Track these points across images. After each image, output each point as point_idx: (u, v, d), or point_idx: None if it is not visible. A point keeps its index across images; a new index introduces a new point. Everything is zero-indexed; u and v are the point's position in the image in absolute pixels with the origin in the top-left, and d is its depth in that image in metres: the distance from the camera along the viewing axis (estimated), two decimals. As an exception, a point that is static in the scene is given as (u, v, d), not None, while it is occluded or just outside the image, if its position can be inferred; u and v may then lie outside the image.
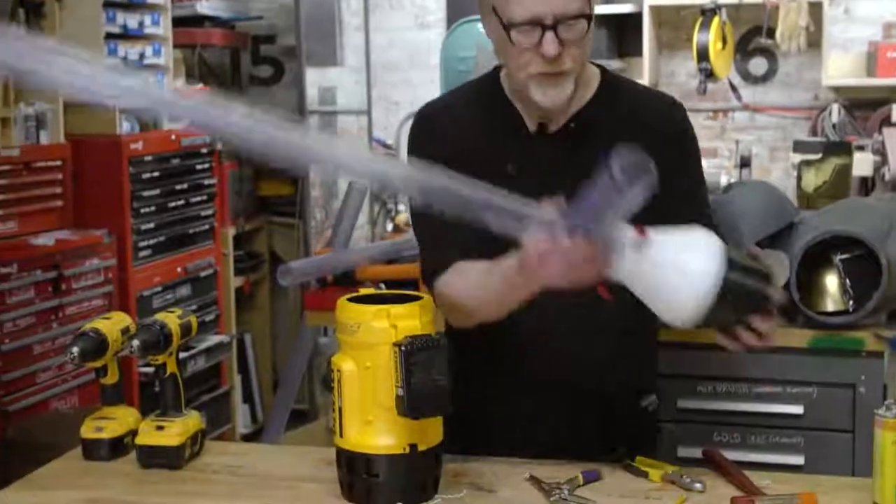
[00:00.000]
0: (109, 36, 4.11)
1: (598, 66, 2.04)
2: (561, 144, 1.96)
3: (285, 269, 2.71)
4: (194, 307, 4.41)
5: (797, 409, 2.78)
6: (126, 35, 4.21)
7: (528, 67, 1.85)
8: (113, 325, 2.01)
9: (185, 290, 4.44)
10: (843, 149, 3.51)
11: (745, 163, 4.38)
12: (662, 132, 1.94)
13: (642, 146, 1.58)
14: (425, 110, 2.07)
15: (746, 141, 4.90)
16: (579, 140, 1.95)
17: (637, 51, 4.88)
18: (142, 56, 4.28)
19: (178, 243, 4.41)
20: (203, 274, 4.58)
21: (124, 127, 4.16)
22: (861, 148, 4.12)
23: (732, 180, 4.14)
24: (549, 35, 1.80)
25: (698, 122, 5.06)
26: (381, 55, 5.39)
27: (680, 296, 1.63)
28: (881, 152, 4.34)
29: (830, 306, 2.81)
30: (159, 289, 4.28)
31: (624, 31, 4.96)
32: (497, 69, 2.03)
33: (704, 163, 4.61)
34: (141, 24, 4.28)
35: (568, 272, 1.61)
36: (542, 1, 1.79)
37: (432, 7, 5.31)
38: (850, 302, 2.74)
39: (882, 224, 2.77)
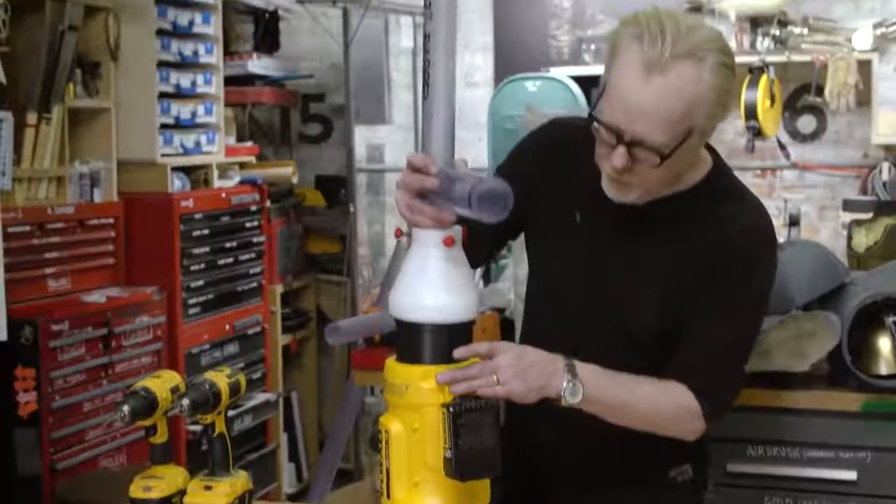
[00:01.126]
0: (163, 95, 4.19)
1: (714, 153, 1.99)
2: (630, 218, 1.92)
3: (333, 327, 2.72)
4: (241, 365, 4.43)
5: (851, 475, 2.73)
6: (179, 94, 4.28)
7: (599, 159, 1.86)
8: (163, 383, 2.02)
9: (232, 348, 4.46)
10: (894, 208, 3.48)
11: (794, 221, 4.35)
12: (724, 246, 1.88)
13: (701, 254, 1.74)
14: (556, 126, 2.12)
15: (795, 200, 4.87)
16: (647, 225, 1.92)
17: (684, 109, 4.87)
18: (193, 115, 4.34)
19: (226, 300, 4.44)
20: (251, 331, 4.60)
21: (175, 185, 4.21)
22: (912, 207, 4.09)
23: (781, 240, 4.12)
24: (621, 149, 1.78)
25: (746, 181, 4.97)
26: (428, 114, 5.41)
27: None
28: (934, 211, 4.30)
29: (884, 369, 2.77)
30: (207, 346, 4.31)
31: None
32: None
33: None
34: (193, 84, 4.35)
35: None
36: (627, 119, 1.76)
37: (480, 65, 5.35)
38: (904, 364, 2.70)
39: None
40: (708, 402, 1.88)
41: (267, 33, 5.10)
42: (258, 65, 4.99)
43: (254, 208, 4.64)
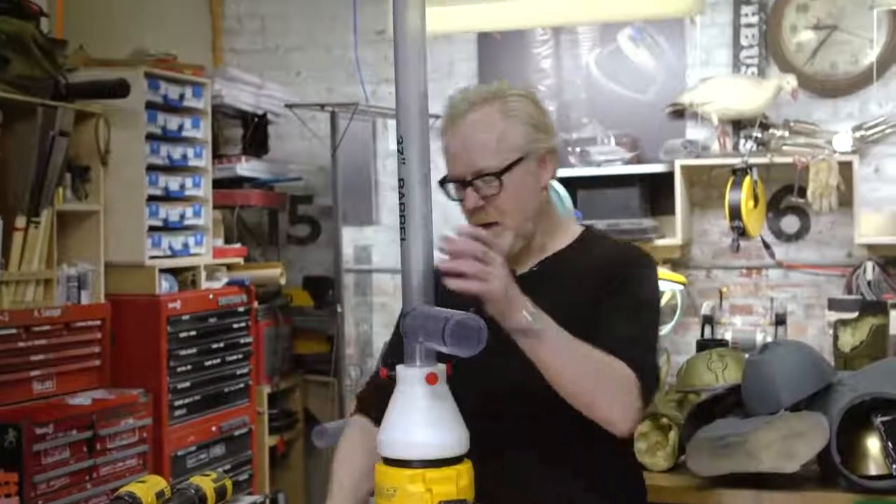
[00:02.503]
0: (152, 198, 4.22)
1: (585, 226, 2.23)
2: (522, 286, 1.98)
3: (320, 430, 2.71)
4: (228, 466, 4.39)
5: (842, 576, 2.71)
6: (168, 197, 4.32)
7: (466, 218, 2.07)
8: (148, 488, 2.00)
9: (218, 450, 4.43)
10: (879, 308, 3.49)
11: (780, 320, 4.37)
12: (610, 273, 2.05)
13: (594, 286, 1.87)
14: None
15: (781, 298, 4.90)
16: (538, 284, 2.04)
17: (670, 209, 4.93)
18: (182, 217, 4.37)
19: (213, 402, 4.42)
20: (237, 433, 4.57)
21: (163, 286, 4.22)
22: (897, 306, 4.11)
23: (769, 338, 4.14)
24: (468, 190, 2.04)
25: (732, 280, 5.08)
26: (416, 214, 5.46)
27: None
28: (918, 310, 4.32)
29: (873, 469, 2.75)
30: (193, 448, 4.27)
31: (657, 191, 5.02)
32: None
33: (739, 320, 4.61)
34: (182, 187, 4.39)
35: None
36: (460, 162, 2.05)
37: (466, 168, 5.40)
38: (893, 465, 2.69)
39: (922, 385, 2.74)
40: (642, 381, 1.95)
41: (256, 137, 5.16)
42: (247, 167, 5.05)
43: (241, 309, 4.64)
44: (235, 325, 4.60)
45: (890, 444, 2.69)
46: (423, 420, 1.73)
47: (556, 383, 1.90)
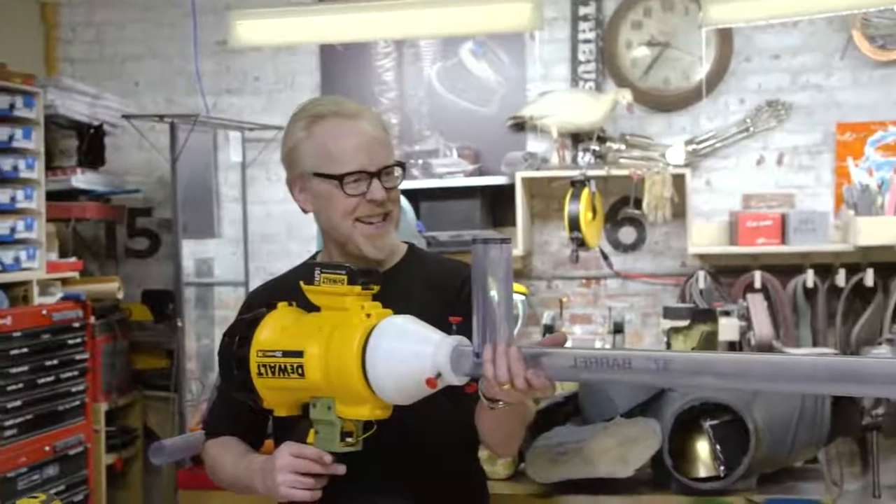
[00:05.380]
0: (-20, 211, 4.07)
1: (407, 243, 2.26)
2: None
3: (157, 447, 2.65)
4: (62, 487, 4.26)
5: (675, 577, 2.79)
6: (-3, 210, 4.18)
7: (354, 212, 2.05)
8: (-29, 513, 1.93)
9: (52, 470, 4.28)
10: (709, 315, 3.62)
11: (618, 329, 4.47)
12: (450, 287, 2.10)
13: (433, 301, 1.85)
14: (247, 297, 2.32)
15: (619, 307, 5.03)
16: (382, 296, 2.03)
17: (511, 221, 5.00)
18: (13, 230, 4.23)
19: (46, 421, 4.28)
20: (73, 452, 4.43)
21: (-7, 302, 4.07)
22: (727, 314, 4.25)
23: (607, 346, 4.23)
24: (376, 182, 2.06)
25: (572, 290, 5.18)
26: (258, 227, 5.42)
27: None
28: (746, 318, 4.49)
29: (703, 472, 2.85)
30: (25, 469, 4.12)
31: (498, 203, 5.08)
32: (317, 252, 2.29)
33: (578, 329, 4.71)
34: (13, 199, 4.24)
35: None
36: (366, 154, 2.05)
37: (310, 180, 5.38)
38: (721, 467, 2.79)
39: (748, 390, 2.85)
40: None
41: (92, 148, 5.03)
42: (82, 179, 4.91)
43: (77, 325, 4.50)
44: (71, 342, 4.46)
45: (718, 447, 2.79)
46: None
47: (497, 439, 2.05)
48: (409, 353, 1.71)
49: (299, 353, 1.78)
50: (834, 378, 1.43)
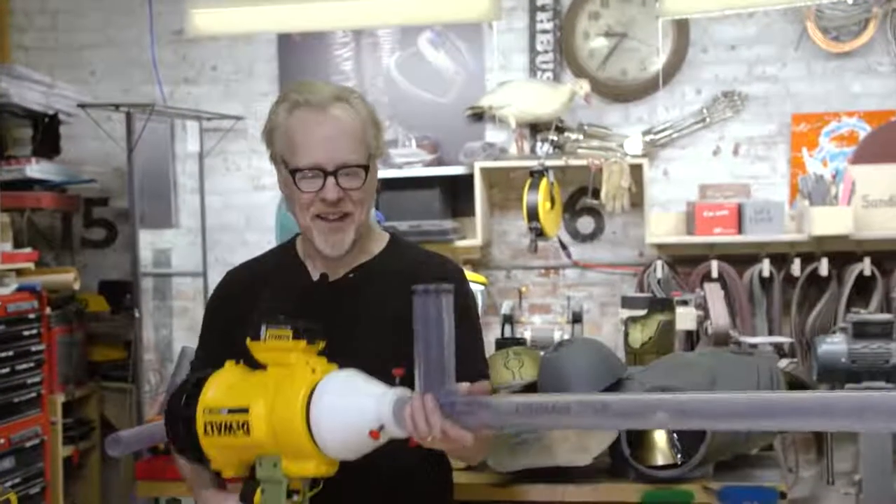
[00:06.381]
0: (-67, 201, 4.02)
1: (391, 232, 2.24)
2: (339, 292, 2.10)
3: (114, 438, 2.61)
4: (18, 480, 4.22)
5: (633, 565, 2.81)
6: (-50, 200, 4.13)
7: (310, 208, 2.02)
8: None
9: (7, 463, 4.24)
10: (666, 305, 3.64)
11: (576, 318, 4.48)
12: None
13: (407, 307, 1.73)
14: (226, 276, 2.27)
15: (577, 297, 5.04)
16: (357, 289, 2.09)
17: (470, 211, 5.01)
18: (-33, 221, 4.18)
19: (2, 413, 4.24)
20: (29, 444, 4.40)
21: (-54, 294, 4.03)
22: (684, 303, 4.29)
23: (565, 335, 4.25)
24: (331, 181, 2.00)
25: (531, 279, 5.20)
26: (216, 217, 5.39)
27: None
28: (703, 307, 4.53)
29: (660, 460, 2.87)
30: (-21, 463, 4.09)
31: (457, 193, 5.09)
32: (297, 235, 2.21)
33: (538, 318, 4.71)
34: (-34, 189, 4.20)
35: None
36: (323, 151, 2.00)
37: (268, 169, 5.32)
38: (679, 455, 2.81)
39: (704, 378, 2.87)
40: None
41: (47, 137, 4.98)
42: (37, 169, 4.86)
43: (32, 316, 4.46)
44: (26, 333, 4.42)
45: (675, 435, 2.81)
46: None
47: (460, 457, 2.12)
48: (352, 408, 1.69)
49: (244, 410, 1.76)
50: (755, 414, 1.45)
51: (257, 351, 1.81)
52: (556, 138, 4.99)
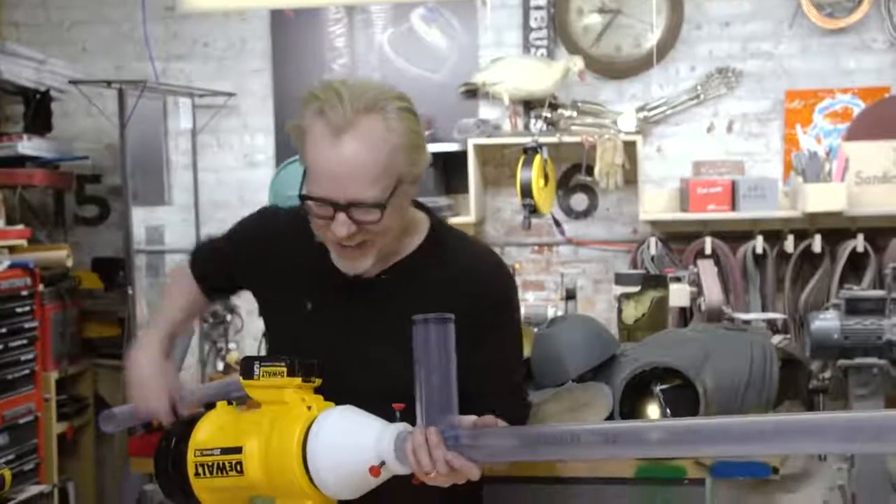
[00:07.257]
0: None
1: (429, 212, 2.03)
2: (367, 293, 1.94)
3: (108, 414, 2.62)
4: (12, 456, 4.22)
5: (625, 538, 2.82)
6: (-58, 176, 4.11)
7: (322, 237, 1.88)
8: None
9: (1, 440, 4.24)
10: (659, 281, 3.65)
11: (570, 295, 4.49)
12: (478, 299, 1.91)
13: (453, 309, 1.65)
14: (271, 213, 2.21)
15: (571, 274, 5.05)
16: (386, 294, 1.94)
17: (464, 188, 5.01)
18: (-41, 198, 4.17)
19: (-5, 390, 4.25)
20: (22, 421, 4.40)
21: (-61, 270, 4.02)
22: (678, 279, 4.29)
23: (559, 312, 4.26)
24: (341, 216, 1.80)
25: (524, 256, 5.20)
26: (209, 194, 5.38)
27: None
28: (697, 283, 4.53)
29: (653, 435, 2.87)
30: (-26, 439, 4.09)
31: (451, 169, 5.08)
32: None
33: (531, 296, 4.68)
34: (-42, 166, 4.18)
35: None
36: (335, 185, 1.79)
37: (261, 146, 5.35)
38: (672, 431, 2.81)
39: (698, 354, 2.88)
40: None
41: (38, 114, 4.95)
42: (29, 146, 4.84)
43: (25, 293, 4.46)
44: (19, 310, 4.41)
45: (668, 411, 2.82)
46: None
47: None
48: (351, 444, 1.64)
49: (238, 450, 1.71)
50: (753, 438, 1.44)
51: (251, 388, 1.74)
52: (549, 115, 4.97)
